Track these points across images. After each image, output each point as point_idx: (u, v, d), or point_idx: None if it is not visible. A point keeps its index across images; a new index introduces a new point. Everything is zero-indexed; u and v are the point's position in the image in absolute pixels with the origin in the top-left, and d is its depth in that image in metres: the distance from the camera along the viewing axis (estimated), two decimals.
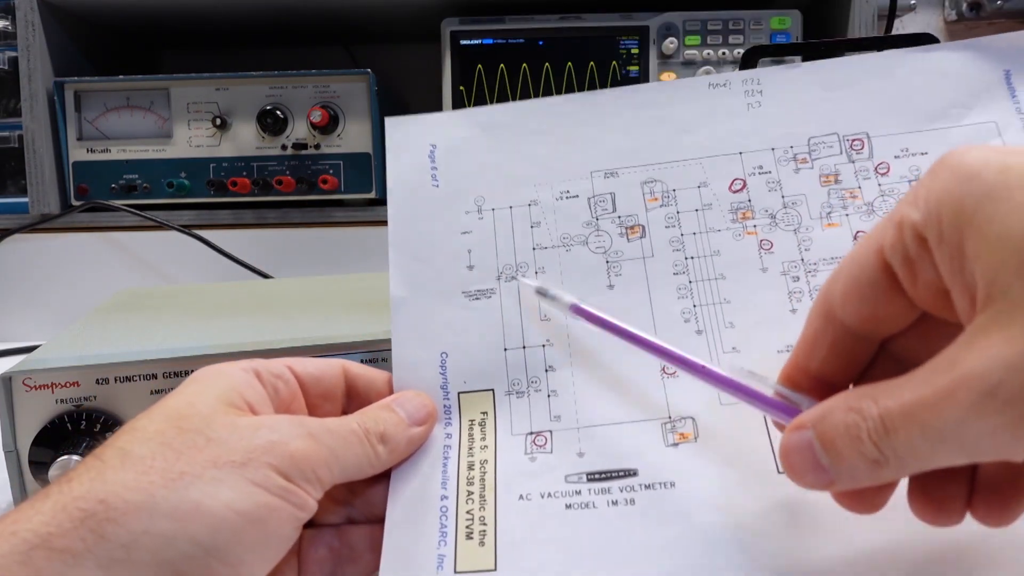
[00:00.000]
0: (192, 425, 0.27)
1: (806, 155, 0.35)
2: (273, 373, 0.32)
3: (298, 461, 0.27)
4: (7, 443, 0.38)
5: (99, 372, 0.39)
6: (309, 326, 0.47)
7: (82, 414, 0.39)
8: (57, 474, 0.38)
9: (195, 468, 0.25)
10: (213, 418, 0.28)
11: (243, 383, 0.30)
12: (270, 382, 0.32)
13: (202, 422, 0.27)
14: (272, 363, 0.32)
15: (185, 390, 0.30)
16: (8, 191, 0.93)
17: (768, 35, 0.85)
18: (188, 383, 0.30)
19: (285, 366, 0.33)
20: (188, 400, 0.29)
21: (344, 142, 0.85)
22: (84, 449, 0.38)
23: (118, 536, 0.23)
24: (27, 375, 0.38)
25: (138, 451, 0.26)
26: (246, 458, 0.26)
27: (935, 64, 0.35)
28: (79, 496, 0.24)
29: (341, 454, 0.29)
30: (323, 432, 0.29)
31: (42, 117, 0.85)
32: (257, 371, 0.32)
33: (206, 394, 0.29)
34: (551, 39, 0.85)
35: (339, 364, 0.34)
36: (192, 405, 0.28)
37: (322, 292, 0.61)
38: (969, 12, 1.14)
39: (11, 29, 0.90)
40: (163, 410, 0.28)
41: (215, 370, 0.31)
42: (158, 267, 0.88)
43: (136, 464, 0.25)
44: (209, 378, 0.30)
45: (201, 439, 0.26)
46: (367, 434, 0.30)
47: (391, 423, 0.32)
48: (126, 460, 0.25)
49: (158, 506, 0.24)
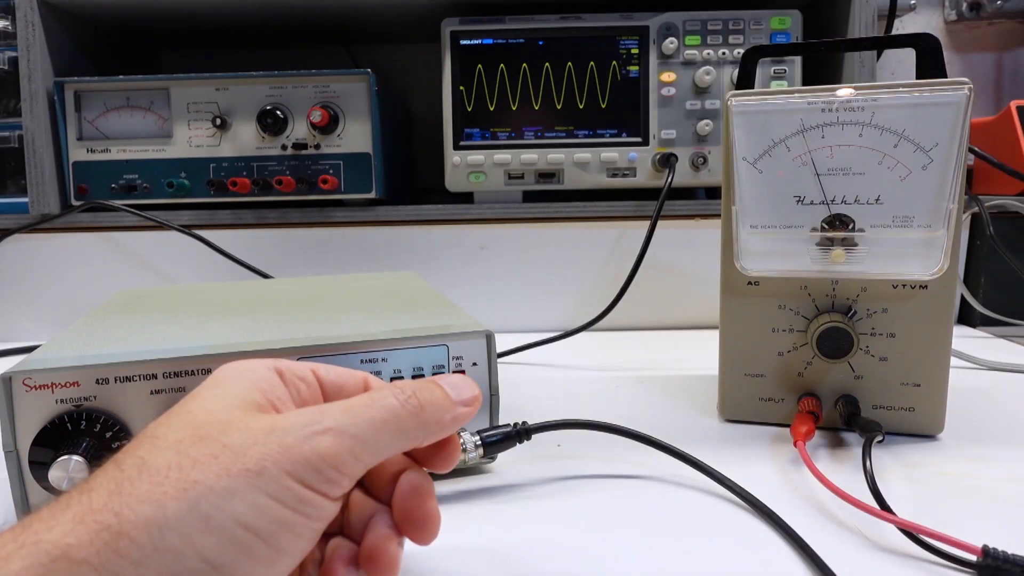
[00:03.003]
0: (209, 432, 0.26)
1: None
2: (296, 375, 0.32)
3: (317, 463, 0.26)
4: (7, 443, 0.38)
5: (99, 372, 0.39)
6: (309, 326, 0.47)
7: (82, 414, 0.39)
8: (57, 474, 0.38)
9: (209, 478, 0.25)
10: (230, 422, 0.27)
11: (265, 380, 0.30)
12: (293, 383, 0.31)
13: (219, 428, 0.27)
14: (296, 365, 0.32)
15: (206, 392, 0.29)
16: (8, 191, 0.93)
17: (768, 35, 0.85)
18: (210, 383, 0.30)
19: (309, 369, 0.32)
20: (207, 405, 0.28)
21: (344, 142, 0.85)
22: (84, 449, 0.38)
23: (130, 552, 0.23)
24: (27, 375, 0.38)
25: (155, 461, 0.25)
26: (260, 466, 0.25)
27: None
28: (97, 508, 0.24)
29: (371, 438, 0.28)
30: (347, 420, 0.28)
31: (42, 117, 0.85)
32: (280, 370, 0.31)
33: (226, 396, 0.28)
34: (551, 39, 0.85)
35: (362, 376, 0.34)
36: (210, 411, 0.28)
37: (322, 292, 0.61)
38: (969, 12, 1.14)
39: (11, 29, 0.90)
40: (182, 416, 0.27)
41: (237, 368, 0.30)
42: (158, 267, 0.88)
43: (152, 474, 0.25)
44: (230, 378, 0.30)
45: (217, 446, 0.26)
46: (404, 406, 0.29)
47: (435, 396, 0.31)
48: (143, 470, 0.25)
49: (169, 520, 0.23)
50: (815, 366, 0.52)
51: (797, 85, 0.84)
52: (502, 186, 0.87)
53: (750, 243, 0.51)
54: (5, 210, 0.88)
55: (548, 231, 0.88)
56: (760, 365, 0.54)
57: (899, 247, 0.48)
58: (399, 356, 0.44)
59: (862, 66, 0.85)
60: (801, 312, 0.52)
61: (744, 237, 0.51)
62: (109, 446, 0.40)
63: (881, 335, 0.50)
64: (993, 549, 0.34)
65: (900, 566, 0.35)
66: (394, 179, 0.94)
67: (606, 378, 0.68)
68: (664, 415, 0.58)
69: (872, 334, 0.51)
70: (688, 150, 0.85)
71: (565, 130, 0.86)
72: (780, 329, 0.53)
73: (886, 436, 0.50)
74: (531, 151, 0.86)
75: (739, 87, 0.53)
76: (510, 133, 0.86)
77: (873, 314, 0.50)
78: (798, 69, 0.85)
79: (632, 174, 0.86)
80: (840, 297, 0.51)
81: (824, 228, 0.50)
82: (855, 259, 0.49)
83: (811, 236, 0.50)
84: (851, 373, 0.51)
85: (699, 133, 0.85)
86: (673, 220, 0.86)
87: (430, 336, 0.45)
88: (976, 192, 0.92)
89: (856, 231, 0.49)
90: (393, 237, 0.88)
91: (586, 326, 0.77)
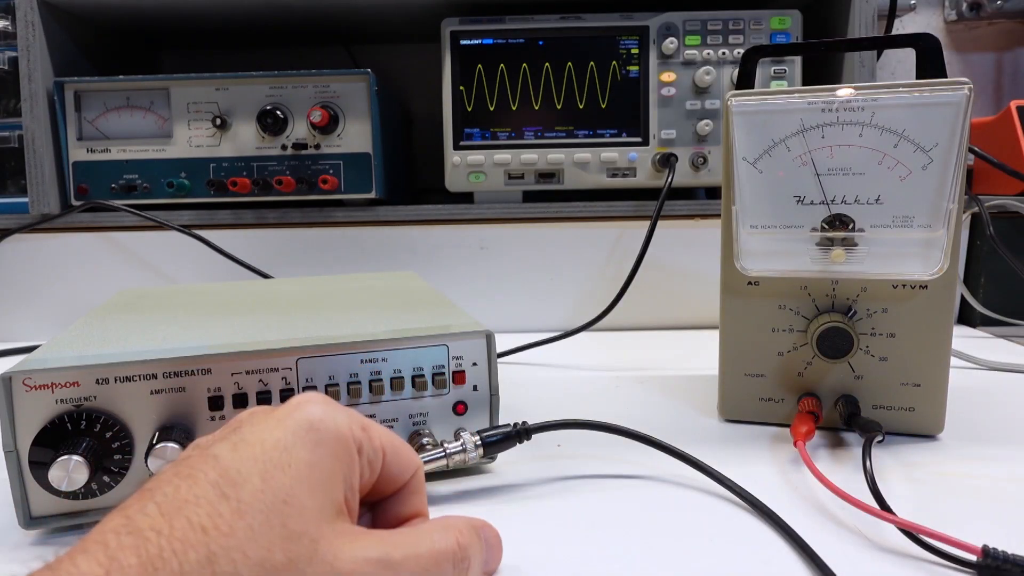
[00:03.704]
0: (299, 553, 0.24)
1: None
2: (369, 457, 0.30)
3: None
4: (7, 443, 0.38)
5: (99, 372, 0.39)
6: (309, 326, 0.47)
7: (82, 414, 0.39)
8: (57, 474, 0.38)
9: None
10: (317, 544, 0.25)
11: (351, 467, 0.29)
12: (363, 467, 0.30)
13: (307, 551, 0.25)
14: (373, 438, 0.30)
15: (303, 466, 0.26)
16: (8, 191, 0.93)
17: (768, 35, 0.85)
18: (309, 447, 0.27)
19: (380, 449, 0.31)
20: (303, 500, 0.25)
21: (344, 142, 0.85)
22: (84, 449, 0.38)
23: None
24: (27, 375, 0.38)
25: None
26: None
27: None
28: None
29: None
30: (416, 567, 0.28)
31: (42, 117, 0.85)
32: (360, 447, 0.29)
33: (320, 490, 0.26)
34: (551, 39, 0.85)
35: (415, 467, 0.33)
36: (303, 512, 0.25)
37: (322, 292, 0.61)
38: (969, 12, 1.14)
39: (11, 29, 0.90)
40: (274, 510, 0.24)
41: (334, 444, 0.28)
42: (158, 267, 0.88)
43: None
44: (328, 459, 0.27)
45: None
46: (455, 556, 0.30)
47: (478, 555, 0.31)
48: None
49: None
50: (815, 366, 0.52)
51: (797, 85, 0.84)
52: (502, 186, 0.87)
53: (750, 243, 0.51)
54: (5, 210, 0.88)
55: (548, 231, 0.88)
56: (760, 365, 0.54)
57: (899, 247, 0.48)
58: (399, 356, 0.44)
59: (862, 66, 0.85)
60: (801, 312, 0.52)
61: (744, 237, 0.51)
62: (109, 446, 0.40)
63: (881, 335, 0.50)
64: (993, 549, 0.34)
65: (900, 566, 0.35)
66: (394, 179, 0.94)
67: (606, 378, 0.68)
68: (664, 415, 0.58)
69: (872, 334, 0.51)
70: (688, 150, 0.85)
71: (565, 130, 0.86)
72: (780, 329, 0.53)
73: (886, 436, 0.50)
74: (531, 151, 0.86)
75: (739, 87, 0.53)
76: (510, 133, 0.86)
77: (873, 314, 0.50)
78: (798, 69, 0.85)
79: (632, 174, 0.86)
80: (840, 297, 0.51)
81: (824, 228, 0.50)
82: (855, 259, 0.49)
83: (811, 236, 0.50)
84: (851, 373, 0.51)
85: (699, 133, 0.85)
86: (673, 220, 0.86)
87: (430, 336, 0.45)
88: (976, 192, 0.92)
89: (856, 231, 0.49)
90: (393, 237, 0.88)
91: (586, 326, 0.77)
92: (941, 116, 0.46)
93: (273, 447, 0.26)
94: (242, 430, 0.28)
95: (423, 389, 0.45)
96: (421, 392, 0.45)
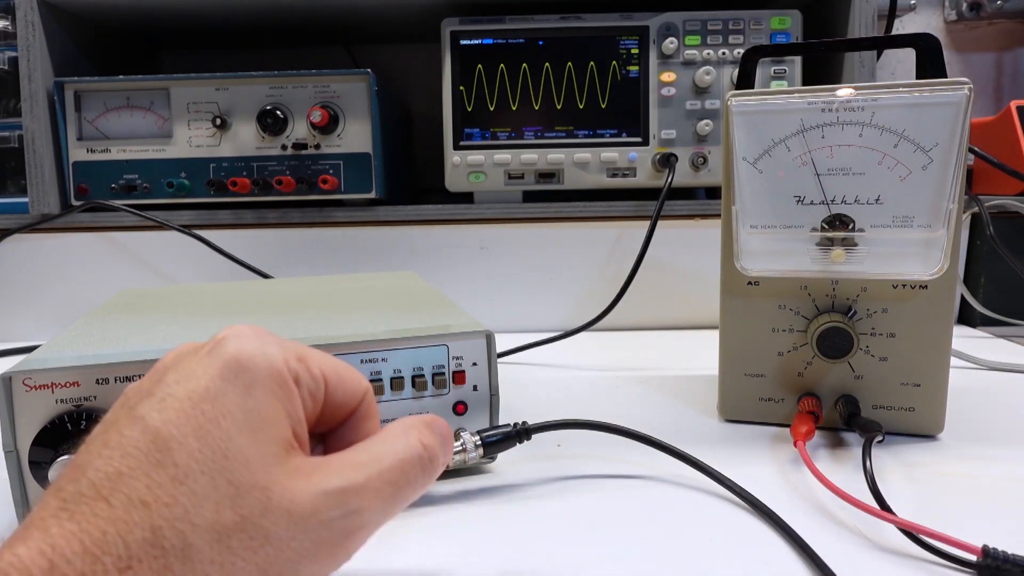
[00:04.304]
0: (251, 509, 0.23)
1: None
2: (310, 388, 0.28)
3: (350, 549, 0.26)
4: (7, 443, 0.38)
5: (99, 372, 0.39)
6: (309, 326, 0.47)
7: (82, 414, 0.39)
8: (57, 474, 0.38)
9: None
10: (270, 492, 0.24)
11: (291, 401, 0.27)
12: (305, 398, 0.28)
13: (260, 505, 0.24)
14: (311, 367, 0.28)
15: (238, 420, 0.25)
16: (8, 191, 0.93)
17: (768, 35, 0.85)
18: (241, 392, 0.25)
19: (321, 377, 0.29)
20: (245, 451, 0.24)
21: (344, 142, 0.85)
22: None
23: None
24: (27, 375, 0.38)
25: (197, 554, 0.22)
26: (295, 571, 0.24)
27: None
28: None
29: (395, 511, 0.28)
30: (382, 504, 0.27)
31: (42, 117, 0.85)
32: (298, 379, 0.28)
33: (262, 435, 0.25)
34: (551, 39, 0.85)
35: (363, 390, 0.31)
36: (248, 463, 0.24)
37: (322, 292, 0.61)
38: (969, 12, 1.14)
39: (11, 29, 0.90)
40: (218, 465, 0.23)
41: (268, 382, 0.26)
42: (158, 267, 0.88)
43: (196, 567, 0.22)
44: (263, 401, 0.26)
45: (259, 537, 0.23)
46: (426, 472, 0.29)
47: (440, 449, 0.30)
48: (187, 560, 0.22)
49: None
50: (815, 366, 0.52)
51: (797, 85, 0.84)
52: (502, 186, 0.87)
53: (750, 243, 0.51)
54: (5, 210, 0.88)
55: (548, 231, 0.88)
56: (760, 365, 0.54)
57: (899, 247, 0.48)
58: (399, 356, 0.44)
59: (862, 66, 0.85)
60: (801, 312, 0.52)
61: (744, 237, 0.51)
62: None
63: (881, 335, 0.50)
64: (993, 549, 0.34)
65: (900, 566, 0.35)
66: (394, 179, 0.94)
67: (606, 378, 0.68)
68: (664, 415, 0.58)
69: (872, 334, 0.51)
70: (688, 150, 0.85)
71: (565, 130, 0.86)
72: (780, 329, 0.53)
73: (886, 436, 0.50)
74: (531, 151, 0.86)
75: (739, 87, 0.53)
76: (510, 133, 0.86)
77: (873, 314, 0.50)
78: (798, 69, 0.85)
79: (632, 174, 0.86)
80: (840, 297, 0.51)
81: (824, 228, 0.50)
82: (855, 259, 0.49)
83: (811, 236, 0.50)
84: (851, 373, 0.51)
85: (699, 133, 0.85)
86: (673, 220, 0.86)
87: (430, 336, 0.45)
88: (976, 192, 0.92)
89: (856, 231, 0.49)
90: (393, 237, 0.88)
91: (586, 326, 0.77)
92: (941, 116, 0.46)
93: (203, 398, 0.25)
94: (166, 380, 0.26)
95: (423, 389, 0.45)
96: (421, 392, 0.45)
